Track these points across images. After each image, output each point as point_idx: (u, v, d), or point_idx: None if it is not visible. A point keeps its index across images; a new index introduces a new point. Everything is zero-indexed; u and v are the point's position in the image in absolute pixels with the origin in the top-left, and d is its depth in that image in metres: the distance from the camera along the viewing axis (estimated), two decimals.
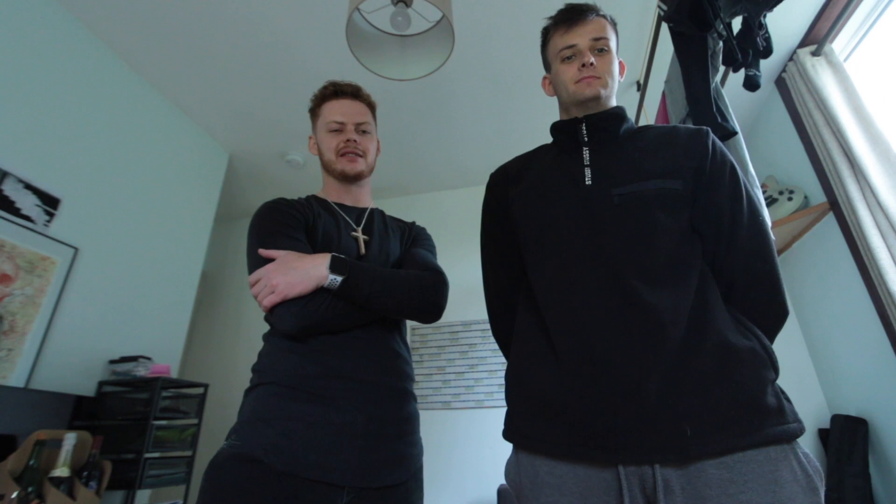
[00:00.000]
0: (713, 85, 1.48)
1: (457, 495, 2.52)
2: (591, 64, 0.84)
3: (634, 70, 2.34)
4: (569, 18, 0.88)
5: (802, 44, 2.12)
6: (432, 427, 2.73)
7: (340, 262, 0.81)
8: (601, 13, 0.90)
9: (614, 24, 0.92)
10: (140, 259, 2.18)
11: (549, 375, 0.69)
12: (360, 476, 0.75)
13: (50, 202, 1.79)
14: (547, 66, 0.95)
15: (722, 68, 1.56)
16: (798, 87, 2.13)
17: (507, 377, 0.79)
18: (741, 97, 2.32)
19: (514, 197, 0.88)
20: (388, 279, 0.85)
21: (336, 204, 1.05)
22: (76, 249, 1.87)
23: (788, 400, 0.65)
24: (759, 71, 1.46)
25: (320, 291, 0.80)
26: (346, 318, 0.83)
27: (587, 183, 0.79)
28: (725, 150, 0.82)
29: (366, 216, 1.05)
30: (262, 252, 0.83)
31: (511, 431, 0.74)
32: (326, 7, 1.95)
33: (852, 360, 2.09)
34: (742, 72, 1.46)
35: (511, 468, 0.73)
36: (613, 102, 0.89)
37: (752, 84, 1.45)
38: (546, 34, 0.93)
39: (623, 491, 0.59)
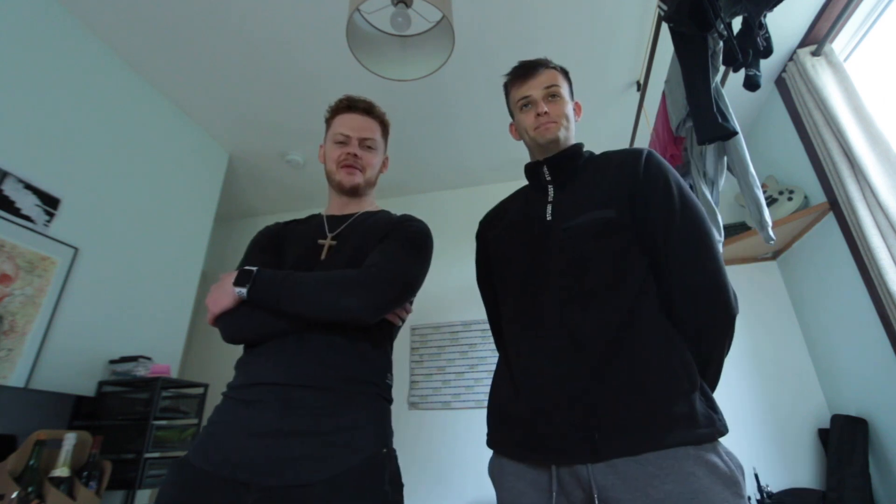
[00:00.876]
0: (713, 85, 1.48)
1: (457, 495, 2.52)
2: (546, 113, 0.94)
3: (634, 70, 2.34)
4: (522, 74, 0.99)
5: (802, 44, 2.12)
6: (432, 427, 2.73)
7: (245, 274, 0.85)
8: (551, 65, 1.01)
9: (565, 73, 1.03)
10: (140, 259, 2.18)
11: (506, 395, 0.82)
12: (265, 473, 0.74)
13: (50, 202, 1.79)
14: (511, 114, 1.06)
15: (722, 68, 1.56)
16: (798, 87, 2.13)
17: (489, 394, 0.92)
18: (741, 97, 2.32)
19: (489, 242, 1.01)
20: (300, 284, 0.84)
21: (327, 216, 1.08)
22: (76, 249, 1.87)
23: (711, 408, 0.72)
24: (759, 71, 1.46)
25: (242, 305, 0.86)
26: (268, 327, 0.86)
27: (548, 219, 0.89)
28: (661, 166, 0.87)
29: (347, 222, 1.04)
30: (221, 276, 0.92)
31: (488, 437, 0.88)
32: (326, 7, 1.95)
33: (852, 360, 2.09)
34: (742, 72, 1.46)
35: (490, 461, 0.89)
36: (572, 141, 0.98)
37: (752, 84, 1.45)
38: (506, 88, 1.05)
39: (552, 487, 0.71)
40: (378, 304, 0.84)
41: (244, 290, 0.84)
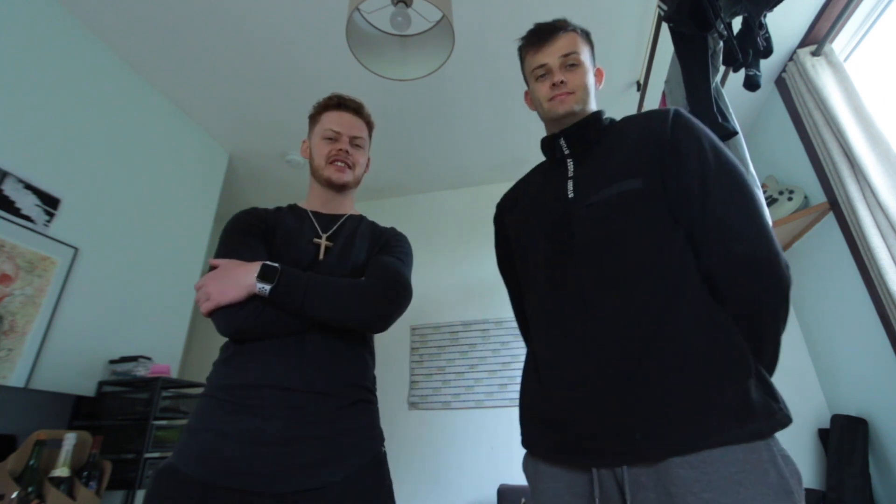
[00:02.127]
0: (713, 85, 1.48)
1: (457, 495, 2.52)
2: (562, 82, 0.86)
3: (634, 70, 2.34)
4: (538, 39, 0.92)
5: (802, 44, 2.12)
6: (432, 427, 2.73)
7: (270, 270, 0.82)
8: (570, 28, 0.92)
9: (587, 36, 0.94)
10: (140, 259, 2.18)
11: (536, 394, 0.76)
12: (278, 481, 0.74)
13: (50, 202, 1.79)
14: (526, 82, 0.99)
15: (722, 68, 1.56)
16: (798, 87, 2.13)
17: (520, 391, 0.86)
18: (741, 97, 2.32)
19: (509, 226, 0.95)
20: (326, 288, 0.84)
21: (312, 212, 1.06)
22: (76, 249, 1.87)
23: (770, 395, 0.63)
24: (759, 71, 1.46)
25: (253, 299, 0.83)
26: (278, 326, 0.84)
27: (570, 196, 0.81)
28: (692, 125, 0.77)
29: (339, 223, 1.05)
30: (210, 261, 0.88)
31: (522, 438, 0.81)
32: (326, 7, 1.95)
33: (852, 360, 2.09)
34: (742, 72, 1.46)
35: (524, 461, 0.81)
36: (592, 109, 0.89)
37: (752, 84, 1.45)
38: (520, 53, 0.97)
39: (594, 492, 0.64)
40: (393, 314, 0.90)
41: (267, 287, 0.81)
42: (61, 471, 1.37)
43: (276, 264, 0.84)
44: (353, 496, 0.78)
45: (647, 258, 0.70)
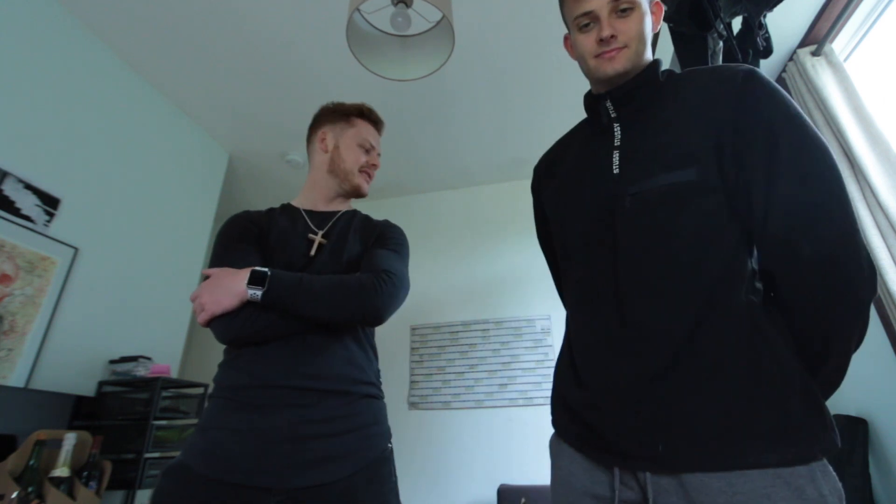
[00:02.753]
0: None
1: (457, 495, 2.52)
2: (612, 37, 0.70)
3: None
4: None
5: (802, 44, 2.12)
6: (432, 427, 2.73)
7: (259, 275, 0.83)
8: None
9: None
10: (140, 259, 2.18)
11: (569, 382, 0.72)
12: (287, 477, 0.76)
13: (50, 202, 1.79)
14: (567, 26, 0.81)
15: None
16: (798, 87, 2.13)
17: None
18: None
19: (546, 196, 0.85)
20: (315, 286, 0.84)
21: (305, 210, 1.06)
22: (76, 249, 1.87)
23: (817, 418, 0.56)
24: None
25: (247, 305, 0.83)
26: (275, 329, 0.84)
27: (615, 172, 0.70)
28: (773, 93, 0.62)
29: (332, 220, 1.05)
30: (203, 271, 0.89)
31: (552, 417, 0.79)
32: (326, 7, 1.95)
33: (852, 360, 2.09)
34: None
35: (552, 440, 0.78)
36: (648, 58, 0.74)
37: None
38: None
39: (615, 492, 0.62)
40: (389, 307, 0.89)
41: (258, 293, 0.82)
42: (61, 471, 1.37)
43: (266, 269, 0.84)
44: (360, 492, 0.80)
45: (691, 263, 0.62)
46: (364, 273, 0.90)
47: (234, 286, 0.82)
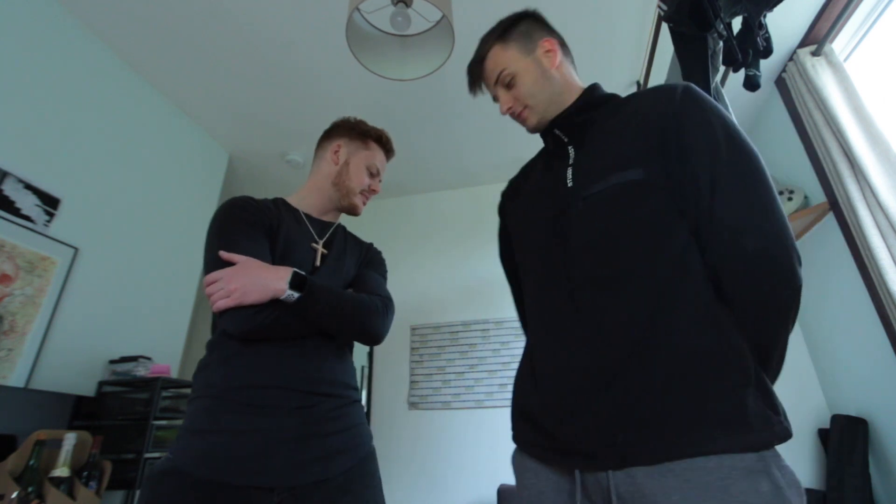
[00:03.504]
0: (713, 85, 1.48)
1: (457, 495, 2.52)
2: (509, 108, 0.86)
3: (634, 70, 2.34)
4: (471, 79, 0.92)
5: (802, 44, 2.12)
6: (432, 427, 2.73)
7: (300, 278, 0.85)
8: (488, 44, 0.89)
9: (503, 35, 0.89)
10: (140, 259, 2.18)
11: (527, 389, 0.74)
12: (291, 475, 0.78)
13: (50, 202, 1.79)
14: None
15: (722, 68, 1.56)
16: (798, 87, 2.13)
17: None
18: (741, 97, 2.32)
19: (509, 216, 0.92)
20: (340, 300, 0.90)
21: (306, 215, 1.08)
22: (76, 249, 1.87)
23: (770, 406, 0.58)
24: (759, 71, 1.46)
25: (274, 303, 0.83)
26: (289, 330, 0.87)
27: (569, 185, 0.75)
28: (704, 107, 0.68)
29: (330, 231, 1.09)
30: (223, 255, 0.85)
31: (513, 433, 0.80)
32: (326, 7, 1.95)
33: (852, 360, 2.09)
34: (742, 72, 1.46)
35: (514, 457, 0.80)
36: (566, 93, 0.83)
37: (752, 84, 1.45)
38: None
39: (576, 494, 0.62)
40: (387, 328, 0.98)
41: (295, 295, 0.83)
42: (61, 471, 1.37)
43: (304, 273, 0.87)
44: (355, 484, 0.86)
45: (645, 255, 0.65)
46: (372, 295, 0.97)
47: (272, 283, 0.82)
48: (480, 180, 3.35)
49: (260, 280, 0.82)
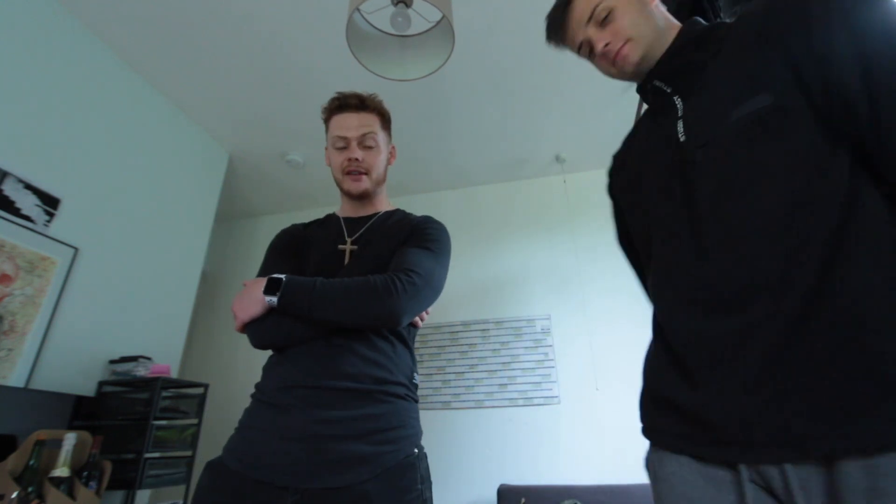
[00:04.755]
0: None
1: (457, 495, 2.52)
2: (607, 45, 0.73)
3: None
4: (551, 28, 0.82)
5: None
6: (432, 427, 2.73)
7: (274, 282, 0.85)
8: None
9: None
10: (140, 259, 2.18)
11: (666, 375, 0.63)
12: (304, 477, 0.77)
13: (50, 202, 1.79)
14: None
15: None
16: None
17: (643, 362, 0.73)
18: None
19: (618, 188, 0.82)
20: (329, 290, 0.85)
21: (344, 218, 1.07)
22: (76, 249, 1.87)
23: None
24: None
25: (272, 312, 0.86)
26: (298, 333, 0.87)
27: (681, 140, 0.65)
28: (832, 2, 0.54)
29: (367, 224, 1.03)
30: (244, 283, 0.92)
31: (643, 427, 0.68)
32: (326, 7, 1.95)
33: None
34: None
35: (648, 454, 0.68)
36: (669, 27, 0.74)
37: None
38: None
39: (745, 491, 0.52)
40: (407, 307, 0.86)
41: (274, 299, 0.84)
42: (61, 471, 1.37)
43: (282, 276, 0.86)
44: (376, 499, 0.76)
45: (795, 198, 0.52)
46: (377, 276, 0.88)
47: (257, 294, 0.85)
48: (479, 181, 3.35)
49: (250, 295, 0.86)
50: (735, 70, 0.60)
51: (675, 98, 0.69)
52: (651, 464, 0.65)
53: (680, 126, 0.66)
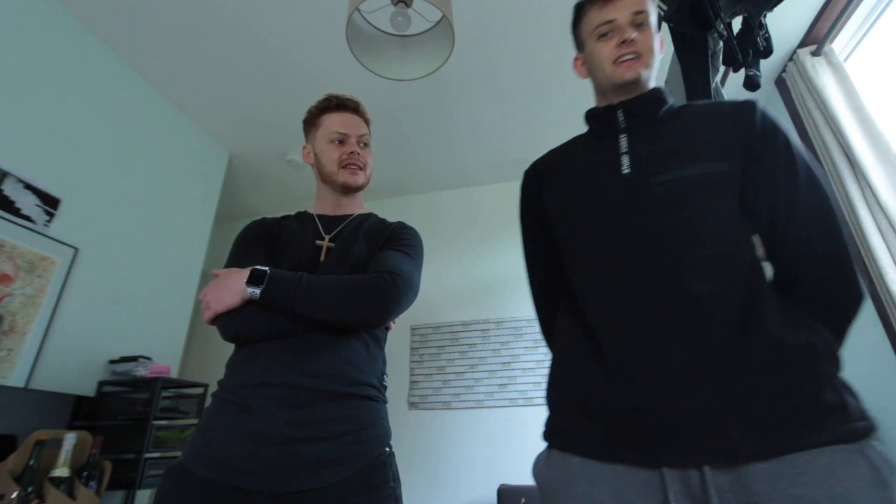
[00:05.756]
0: (713, 85, 1.48)
1: (457, 495, 2.52)
2: (633, 40, 0.77)
3: None
4: None
5: (802, 44, 2.12)
6: (432, 427, 2.73)
7: (258, 274, 0.84)
8: None
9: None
10: (140, 259, 2.18)
11: (591, 375, 0.67)
12: (276, 481, 0.75)
13: (50, 202, 1.79)
14: (580, 44, 0.87)
15: (722, 68, 1.56)
16: (798, 87, 2.13)
17: (549, 377, 0.77)
18: (741, 97, 2.32)
19: (548, 192, 0.85)
20: (314, 287, 0.84)
21: (318, 216, 1.06)
22: (76, 249, 1.87)
23: (855, 395, 0.60)
24: (759, 71, 1.46)
25: (249, 304, 0.84)
26: (275, 327, 0.85)
27: (624, 172, 0.74)
28: (778, 122, 0.73)
29: (343, 223, 1.04)
30: (213, 272, 0.90)
31: (549, 433, 0.72)
32: (326, 7, 1.95)
33: (852, 360, 2.08)
34: (742, 72, 1.46)
35: (541, 463, 0.72)
36: (653, 83, 0.81)
37: (752, 84, 1.45)
38: (580, 10, 0.86)
39: (668, 493, 0.56)
40: (390, 308, 0.87)
41: (257, 291, 0.83)
42: (61, 471, 1.37)
43: (266, 268, 0.85)
44: (353, 497, 0.77)
45: (730, 245, 0.66)
46: (366, 274, 0.89)
47: (236, 285, 0.83)
48: (479, 180, 3.35)
49: (228, 286, 0.84)
50: (702, 137, 0.73)
51: (621, 136, 0.78)
52: (555, 472, 0.67)
53: (625, 161, 0.75)
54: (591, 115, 0.85)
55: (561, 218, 0.81)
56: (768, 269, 0.70)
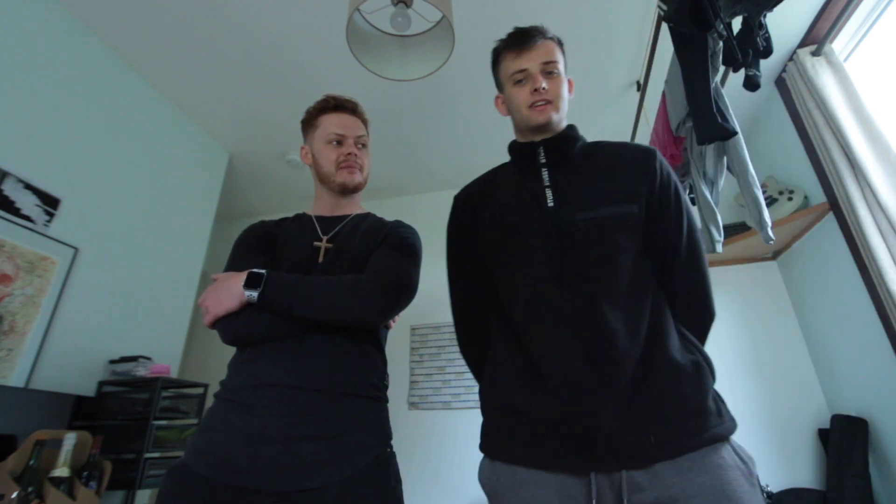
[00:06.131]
0: (713, 85, 1.48)
1: (457, 495, 2.52)
2: (544, 88, 0.87)
3: (634, 70, 2.34)
4: (519, 42, 0.93)
5: (802, 44, 2.12)
6: (432, 427, 2.73)
7: (255, 277, 0.85)
8: (549, 35, 0.94)
9: (561, 45, 0.96)
10: (140, 259, 2.18)
11: (528, 393, 0.75)
12: (276, 480, 0.75)
13: (50, 202, 1.79)
14: (499, 86, 1.00)
15: (722, 68, 1.56)
16: (798, 87, 2.13)
17: (484, 395, 0.84)
18: (741, 97, 2.32)
19: (482, 221, 0.92)
20: (313, 288, 0.85)
21: (316, 217, 1.06)
22: (76, 249, 1.87)
23: (723, 402, 0.75)
24: (759, 71, 1.46)
25: (247, 307, 0.85)
26: (275, 329, 0.85)
27: (549, 205, 0.83)
28: (670, 169, 0.88)
29: (341, 224, 1.04)
30: (213, 276, 0.91)
31: (489, 445, 0.79)
32: (326, 8, 1.95)
33: (852, 360, 2.09)
34: (742, 72, 1.46)
35: (486, 471, 0.78)
36: (565, 122, 0.92)
37: (752, 84, 1.45)
38: (496, 55, 0.99)
39: (592, 494, 0.67)
40: (387, 307, 0.88)
41: (255, 294, 0.83)
42: (61, 471, 1.37)
43: (263, 270, 0.85)
44: (353, 497, 0.77)
45: (637, 278, 0.79)
46: (364, 274, 0.90)
47: (234, 288, 0.84)
48: None
49: (226, 289, 0.85)
50: (614, 180, 0.84)
51: (543, 170, 0.88)
52: (502, 478, 0.74)
53: (549, 194, 0.84)
54: (514, 149, 0.95)
55: (494, 248, 0.88)
56: None
